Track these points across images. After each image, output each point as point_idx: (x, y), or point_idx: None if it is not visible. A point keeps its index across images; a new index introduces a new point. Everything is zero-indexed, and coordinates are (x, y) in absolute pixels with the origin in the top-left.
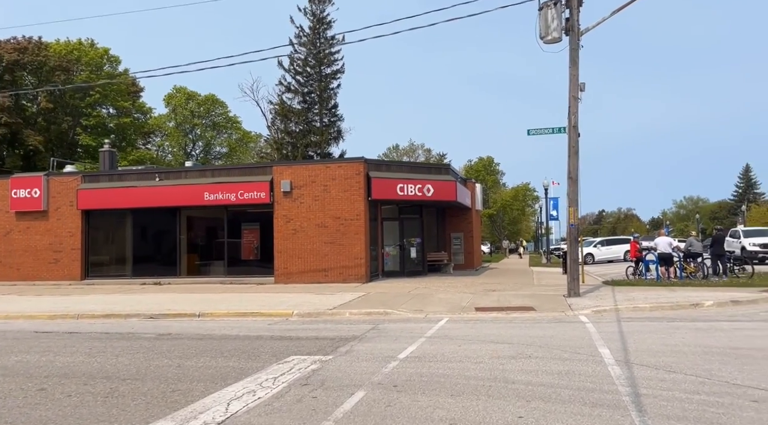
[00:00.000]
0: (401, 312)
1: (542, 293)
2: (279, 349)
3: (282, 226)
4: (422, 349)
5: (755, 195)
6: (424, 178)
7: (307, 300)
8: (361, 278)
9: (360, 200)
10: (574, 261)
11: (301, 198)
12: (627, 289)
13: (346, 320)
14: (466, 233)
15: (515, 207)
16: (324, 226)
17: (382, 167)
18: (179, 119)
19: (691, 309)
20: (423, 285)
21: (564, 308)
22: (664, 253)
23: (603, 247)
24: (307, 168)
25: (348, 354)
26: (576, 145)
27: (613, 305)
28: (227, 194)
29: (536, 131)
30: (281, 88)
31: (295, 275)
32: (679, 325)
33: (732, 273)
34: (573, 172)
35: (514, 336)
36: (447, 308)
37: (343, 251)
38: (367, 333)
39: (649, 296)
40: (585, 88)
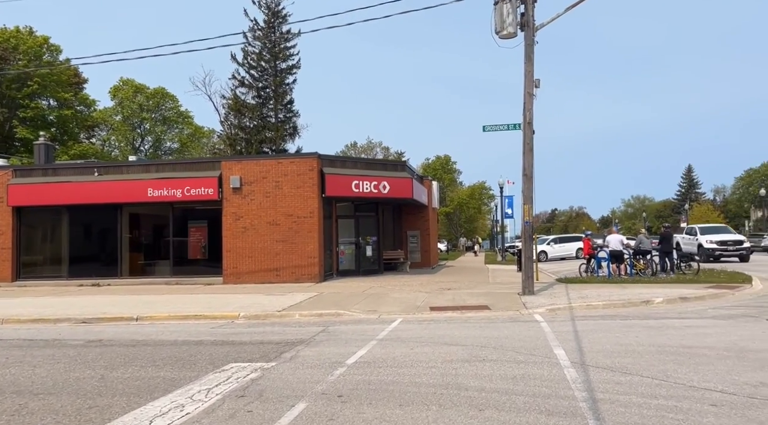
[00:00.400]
0: (354, 313)
1: (497, 292)
2: (218, 356)
3: (231, 224)
4: (372, 353)
5: (696, 194)
6: (379, 175)
7: (256, 301)
8: (314, 278)
9: (313, 197)
10: (528, 259)
11: (251, 195)
12: (580, 286)
13: (296, 322)
14: (423, 231)
15: (471, 206)
16: (276, 224)
17: (337, 164)
18: (126, 113)
19: (643, 306)
20: (378, 284)
21: (519, 306)
22: (615, 250)
23: (556, 245)
24: (258, 163)
25: (293, 360)
26: (531, 142)
27: (567, 304)
28: (173, 190)
29: (491, 127)
30: (235, 83)
31: (245, 275)
32: (632, 323)
33: (679, 270)
34: (528, 169)
35: (468, 337)
36: (401, 308)
37: (295, 249)
38: (316, 336)
39: (602, 293)
40: (540, 85)
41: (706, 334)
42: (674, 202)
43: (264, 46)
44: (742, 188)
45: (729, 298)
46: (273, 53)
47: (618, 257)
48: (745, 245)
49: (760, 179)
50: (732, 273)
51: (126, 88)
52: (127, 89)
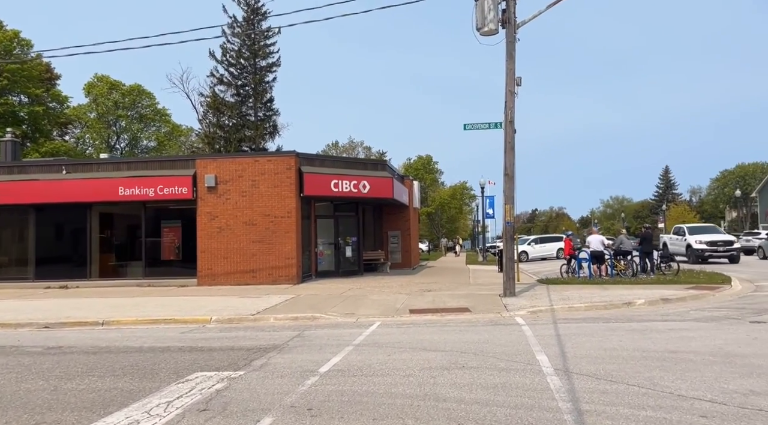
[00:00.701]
0: (331, 316)
1: (478, 293)
2: (184, 364)
3: (206, 224)
4: (348, 360)
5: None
6: (359, 174)
7: (230, 304)
8: (292, 280)
9: (291, 197)
10: (509, 260)
11: (227, 194)
12: (561, 288)
13: (270, 326)
14: (404, 231)
15: (453, 206)
16: (252, 224)
17: (316, 162)
18: (101, 110)
19: (625, 308)
20: (357, 286)
21: (500, 309)
22: (596, 251)
23: (537, 245)
24: (234, 162)
25: (263, 368)
26: (512, 140)
27: (548, 305)
28: (145, 189)
29: (472, 125)
30: (213, 80)
31: (220, 276)
32: (615, 326)
33: (659, 270)
34: (509, 168)
35: (447, 342)
36: (380, 310)
37: (272, 250)
38: (289, 342)
39: (583, 295)
40: (521, 83)
41: (691, 338)
42: (652, 202)
43: (243, 44)
44: (717, 188)
45: (710, 299)
46: (252, 51)
47: (599, 257)
48: (735, 246)
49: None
50: (711, 274)
51: (101, 84)
52: (102, 86)
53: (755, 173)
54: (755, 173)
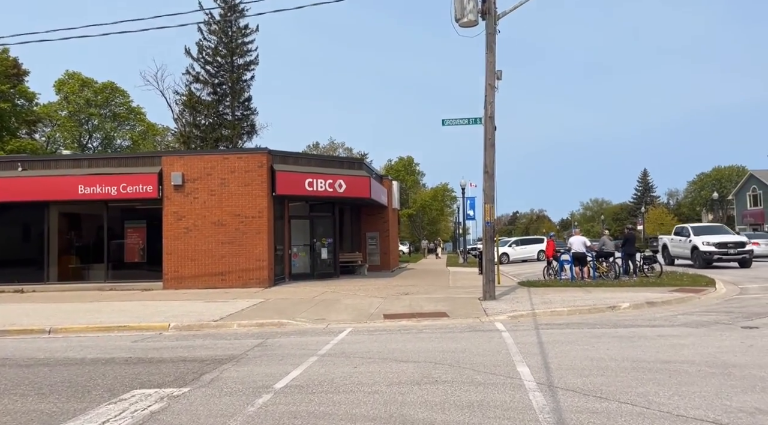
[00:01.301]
0: (299, 322)
1: (457, 297)
2: (124, 379)
3: (172, 224)
4: (309, 374)
5: (652, 198)
6: (335, 173)
7: (193, 309)
8: (263, 283)
9: (263, 196)
10: (489, 261)
11: (195, 193)
12: (543, 290)
13: (232, 333)
14: (382, 232)
15: (434, 207)
16: (221, 224)
17: (289, 160)
18: (72, 108)
19: (609, 312)
20: (332, 289)
21: (479, 313)
22: (578, 252)
23: (518, 247)
24: (203, 159)
25: (212, 384)
26: (492, 137)
27: (530, 310)
28: (107, 188)
29: (451, 121)
30: (189, 78)
31: (187, 279)
32: (601, 333)
33: (641, 272)
34: (489, 166)
35: (421, 352)
36: (353, 316)
37: (243, 252)
38: (249, 351)
39: (566, 298)
40: (502, 77)
41: (683, 345)
42: (630, 205)
43: (220, 41)
44: (694, 191)
45: (695, 302)
46: (230, 48)
47: (581, 259)
48: (747, 248)
49: (711, 182)
50: (695, 276)
51: (71, 81)
52: (73, 83)
53: (731, 176)
54: (731, 176)
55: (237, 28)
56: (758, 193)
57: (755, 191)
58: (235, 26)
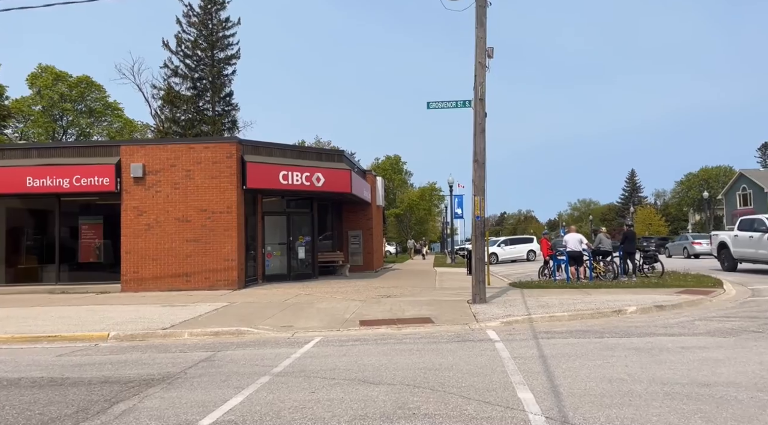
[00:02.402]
0: (262, 331)
1: (444, 299)
2: (12, 411)
3: (132, 220)
4: (251, 402)
5: (639, 198)
6: (313, 165)
7: (145, 315)
8: (232, 284)
9: (232, 189)
10: (479, 261)
11: (157, 186)
12: (538, 292)
13: (180, 345)
14: (366, 230)
15: (422, 207)
16: (186, 220)
17: (262, 151)
18: (45, 103)
19: (615, 317)
20: (307, 291)
21: (468, 318)
22: (574, 251)
23: (507, 246)
24: (165, 149)
25: (119, 418)
26: (483, 121)
27: (525, 314)
28: (58, 180)
29: (437, 104)
30: (167, 72)
31: (148, 281)
32: (613, 343)
33: (641, 272)
34: (479, 154)
35: (399, 369)
36: (324, 322)
37: (210, 251)
38: (190, 369)
39: (564, 301)
40: (494, 55)
41: (716, 361)
42: (618, 206)
43: (200, 34)
44: (681, 192)
45: (707, 305)
46: (210, 42)
47: (577, 258)
48: None
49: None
50: (698, 276)
51: (45, 75)
52: (46, 77)
53: (718, 177)
54: (718, 177)
55: (218, 20)
56: (748, 192)
57: (745, 191)
58: (216, 18)
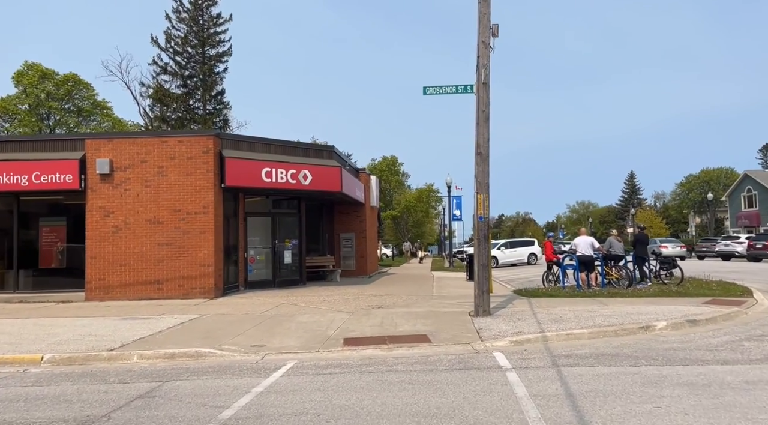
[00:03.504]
0: (226, 352)
1: (442, 311)
2: None
3: (98, 222)
4: None
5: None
6: (299, 162)
7: (97, 331)
8: (208, 292)
9: (209, 188)
10: (482, 267)
11: (126, 184)
12: (547, 302)
13: (123, 372)
14: (359, 233)
15: (419, 209)
16: (158, 222)
17: (242, 145)
18: (31, 101)
19: (643, 335)
20: (291, 300)
21: (471, 336)
22: (585, 256)
23: (507, 249)
24: (135, 143)
25: None
26: (487, 108)
27: (538, 331)
28: (16, 177)
29: (435, 89)
30: (156, 69)
31: (115, 289)
32: (654, 375)
33: (657, 278)
34: (482, 146)
35: (384, 416)
36: (303, 340)
37: (184, 255)
38: (117, 411)
39: (579, 312)
40: (498, 33)
41: None
42: (617, 208)
43: (190, 30)
44: (681, 194)
45: (745, 319)
46: (201, 38)
47: (588, 263)
48: None
49: (699, 185)
50: (722, 283)
51: (31, 73)
52: (32, 75)
53: (719, 178)
54: (719, 178)
55: (209, 16)
56: (753, 194)
57: (750, 192)
58: (207, 14)
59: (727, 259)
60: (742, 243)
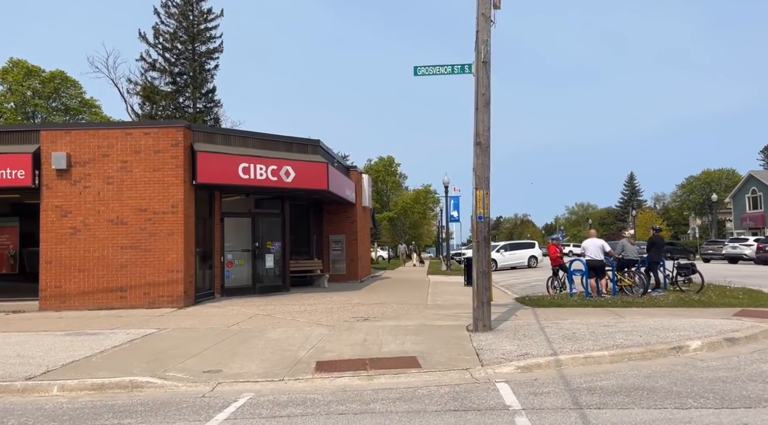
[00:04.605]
0: (171, 381)
1: (436, 324)
2: None
3: (54, 222)
4: None
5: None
6: (281, 157)
7: (28, 351)
8: (177, 301)
9: (178, 185)
10: (482, 275)
11: (85, 180)
12: (554, 313)
13: (35, 407)
14: (349, 235)
15: (416, 210)
16: (121, 223)
17: (217, 138)
18: (16, 99)
19: (675, 357)
20: (268, 310)
21: (469, 359)
22: (595, 260)
23: (507, 252)
24: (96, 135)
25: None
26: (487, 91)
27: (549, 353)
28: None
29: (428, 69)
30: (145, 65)
31: (73, 297)
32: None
33: (674, 285)
34: (483, 135)
35: None
36: (268, 364)
37: (150, 260)
38: None
39: (595, 328)
40: (500, 5)
41: None
42: (616, 210)
43: (180, 26)
44: (682, 195)
45: None
46: (190, 34)
47: (598, 269)
48: None
49: (700, 186)
50: (746, 290)
51: (16, 70)
52: (18, 72)
53: (721, 179)
54: (721, 179)
55: (199, 11)
56: (758, 195)
57: (755, 193)
58: (197, 9)
59: (734, 262)
60: (750, 246)
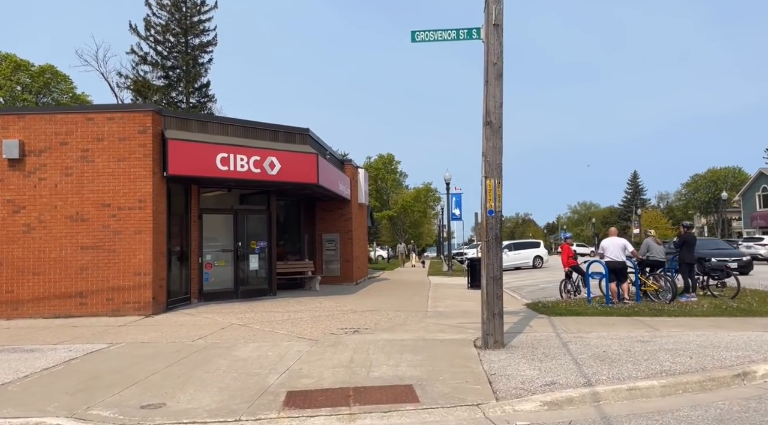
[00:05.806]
0: (91, 422)
1: (438, 338)
2: None
3: (5, 219)
4: None
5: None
6: (265, 147)
7: None
8: (145, 308)
9: (146, 177)
10: (493, 281)
11: (40, 171)
12: (575, 323)
13: None
14: (344, 234)
15: (417, 209)
16: (82, 219)
17: (192, 125)
18: (5, 94)
19: (742, 387)
20: (246, 319)
21: (479, 389)
22: (616, 262)
23: (511, 251)
24: (54, 120)
25: None
26: (499, 60)
27: (581, 382)
28: None
29: (427, 35)
30: (136, 59)
31: (27, 304)
32: None
33: (705, 290)
34: (494, 112)
35: None
36: (225, 395)
37: (114, 261)
38: None
39: (629, 344)
40: None
41: None
42: (619, 209)
43: (172, 17)
44: (687, 194)
45: None
46: (183, 26)
47: (619, 271)
48: None
49: (705, 184)
50: None
51: (5, 64)
52: (6, 66)
53: (727, 178)
54: (727, 178)
55: (192, 3)
56: None
57: (766, 191)
58: (190, 1)
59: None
60: (765, 245)
